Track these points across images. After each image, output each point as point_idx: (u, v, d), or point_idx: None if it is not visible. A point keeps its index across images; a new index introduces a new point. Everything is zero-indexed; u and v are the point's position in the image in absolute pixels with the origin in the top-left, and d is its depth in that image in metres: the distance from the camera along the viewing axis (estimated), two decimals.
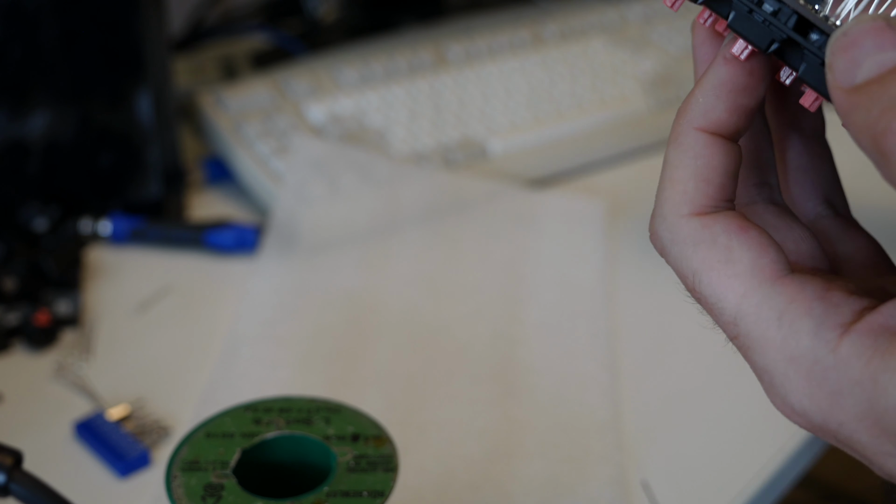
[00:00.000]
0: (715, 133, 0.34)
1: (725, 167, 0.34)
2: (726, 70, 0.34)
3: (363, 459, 0.48)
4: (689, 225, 0.34)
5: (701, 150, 0.34)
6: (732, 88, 0.34)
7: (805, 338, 0.31)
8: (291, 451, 0.49)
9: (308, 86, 0.88)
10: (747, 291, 0.32)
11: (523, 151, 0.87)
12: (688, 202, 0.34)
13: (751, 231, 0.33)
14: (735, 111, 0.34)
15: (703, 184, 0.34)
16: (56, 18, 0.72)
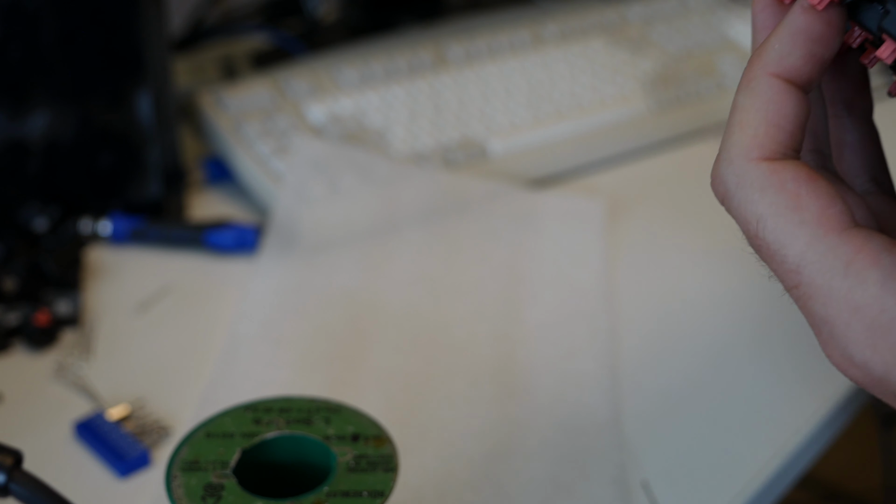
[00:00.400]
0: (788, 80, 0.34)
1: (797, 116, 0.34)
2: (804, 18, 0.34)
3: (363, 459, 0.48)
4: (757, 169, 0.33)
5: (774, 95, 0.34)
6: (809, 37, 0.34)
7: (872, 287, 0.31)
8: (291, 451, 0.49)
9: (308, 86, 0.88)
10: (814, 239, 0.32)
11: (523, 151, 0.87)
12: (757, 146, 0.34)
13: (819, 181, 0.33)
14: (810, 60, 0.34)
15: (774, 129, 0.34)
16: (56, 18, 0.72)
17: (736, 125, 0.34)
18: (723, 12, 1.06)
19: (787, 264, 0.33)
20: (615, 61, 0.96)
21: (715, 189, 0.35)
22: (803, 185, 0.33)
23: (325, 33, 1.06)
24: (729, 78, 0.95)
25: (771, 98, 0.34)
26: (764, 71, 0.34)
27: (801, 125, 0.34)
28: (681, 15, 1.05)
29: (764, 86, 0.34)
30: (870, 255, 0.31)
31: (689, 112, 0.92)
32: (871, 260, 0.31)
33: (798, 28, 0.34)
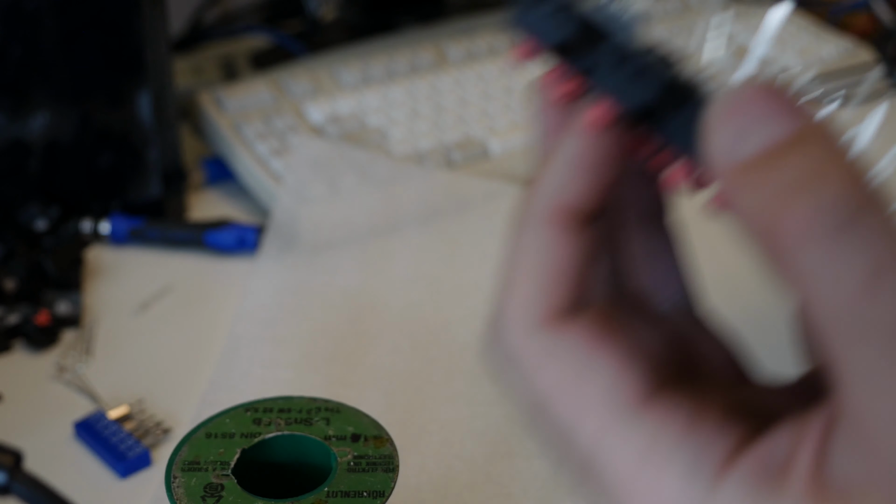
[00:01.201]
0: (568, 219, 0.28)
1: (577, 263, 0.28)
2: (585, 142, 0.28)
3: (363, 459, 0.48)
4: (534, 338, 0.28)
5: (548, 245, 0.28)
6: (591, 164, 0.28)
7: (674, 483, 0.26)
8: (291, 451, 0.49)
9: (308, 86, 0.88)
10: (603, 425, 0.27)
11: (524, 151, 0.86)
12: (533, 309, 0.28)
13: (608, 343, 0.28)
14: (591, 191, 0.28)
15: (553, 285, 0.28)
16: (56, 18, 0.72)
17: (509, 281, 0.28)
18: (724, 12, 1.06)
19: (578, 452, 0.28)
20: None
21: (489, 358, 0.29)
22: (590, 353, 0.27)
23: (325, 33, 1.06)
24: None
25: (543, 248, 0.28)
26: (537, 214, 0.28)
27: (582, 269, 0.28)
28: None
29: (538, 232, 0.28)
30: (669, 441, 0.26)
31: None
32: (672, 447, 0.26)
33: (577, 153, 0.28)
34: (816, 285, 0.24)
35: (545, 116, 0.31)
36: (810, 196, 0.23)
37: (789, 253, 0.24)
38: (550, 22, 0.29)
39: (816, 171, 0.24)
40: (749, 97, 0.25)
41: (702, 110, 0.26)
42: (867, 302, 0.23)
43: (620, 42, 0.28)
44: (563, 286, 0.28)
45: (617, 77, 0.28)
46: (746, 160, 0.24)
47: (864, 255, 0.23)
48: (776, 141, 0.24)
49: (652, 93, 0.27)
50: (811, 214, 0.23)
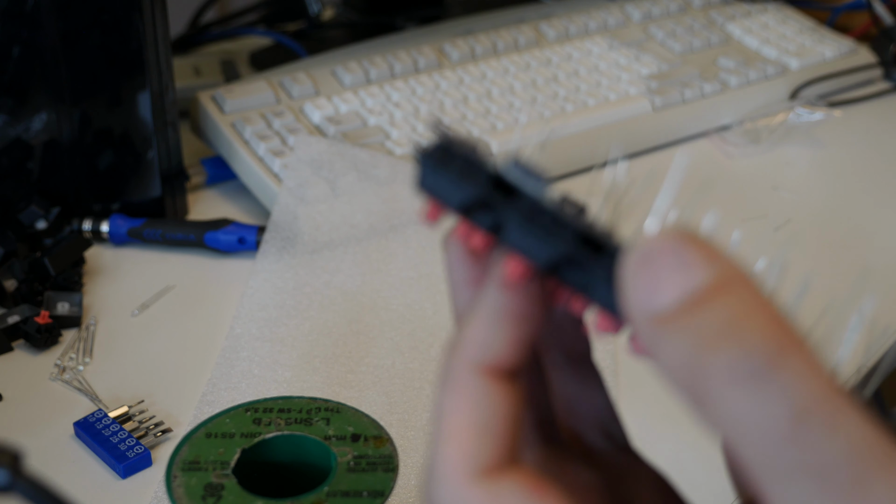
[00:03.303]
0: (495, 372, 0.28)
1: (510, 414, 0.28)
2: (503, 297, 0.28)
3: (363, 459, 0.48)
4: (472, 493, 0.27)
5: (480, 396, 0.28)
6: (513, 317, 0.28)
7: None
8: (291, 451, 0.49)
9: (308, 86, 0.88)
10: None
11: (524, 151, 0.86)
12: (469, 463, 0.28)
13: (543, 494, 0.28)
14: (517, 342, 0.28)
15: (487, 439, 0.28)
16: (56, 18, 0.72)
17: (443, 435, 0.28)
18: (725, 11, 1.06)
19: None
20: (618, 61, 0.96)
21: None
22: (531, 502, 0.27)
23: (325, 33, 1.06)
24: (732, 77, 0.95)
25: (476, 399, 0.28)
26: (465, 366, 0.28)
27: (515, 420, 0.28)
28: (684, 14, 1.05)
29: (466, 384, 0.28)
30: None
31: (692, 111, 0.92)
32: None
33: (497, 310, 0.28)
34: (742, 430, 0.24)
35: (456, 269, 0.30)
36: (731, 343, 0.23)
37: (713, 400, 0.24)
38: (454, 182, 0.29)
39: (737, 316, 0.24)
40: (662, 246, 0.25)
41: (616, 262, 0.26)
42: (791, 445, 0.23)
43: (531, 197, 0.28)
44: (500, 438, 0.28)
45: (529, 232, 0.28)
46: (664, 312, 0.24)
47: (789, 397, 0.23)
48: (693, 290, 0.24)
49: (564, 247, 0.27)
50: (733, 361, 0.23)
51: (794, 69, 0.97)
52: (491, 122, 0.88)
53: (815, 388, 0.24)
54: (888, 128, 0.95)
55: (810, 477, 0.23)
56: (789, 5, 1.10)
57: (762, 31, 1.03)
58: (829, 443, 0.23)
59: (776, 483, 0.24)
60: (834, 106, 0.95)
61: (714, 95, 0.93)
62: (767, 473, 0.24)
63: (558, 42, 0.98)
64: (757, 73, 0.96)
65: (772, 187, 0.86)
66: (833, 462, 0.23)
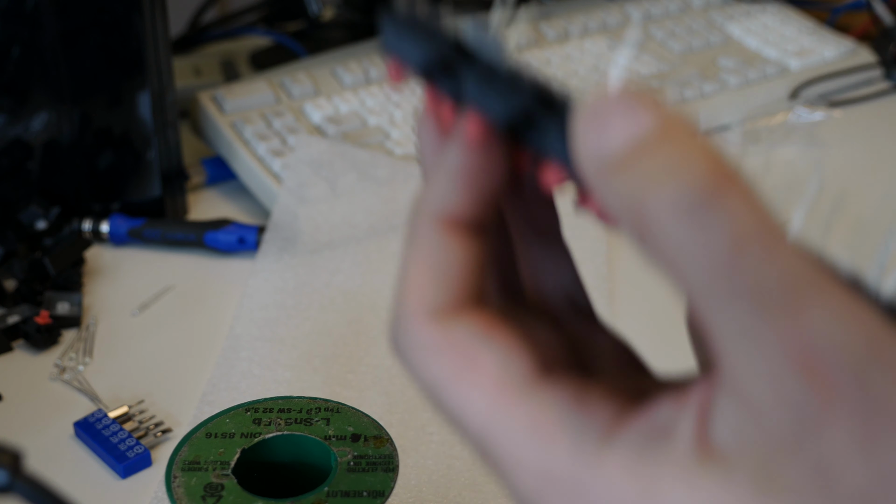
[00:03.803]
0: (454, 223, 0.30)
1: (467, 263, 0.30)
2: (461, 155, 0.30)
3: (363, 459, 0.48)
4: (425, 330, 0.29)
5: (438, 244, 0.30)
6: (471, 172, 0.30)
7: (562, 454, 0.27)
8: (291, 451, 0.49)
9: (308, 86, 0.88)
10: (493, 403, 0.28)
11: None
12: (423, 304, 0.30)
13: (497, 333, 0.29)
14: (475, 198, 0.30)
15: (442, 283, 0.30)
16: (56, 18, 0.73)
17: (402, 281, 0.30)
18: (725, 11, 1.06)
19: (471, 433, 0.29)
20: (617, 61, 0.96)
21: (392, 350, 0.31)
22: (478, 343, 0.29)
23: (325, 33, 1.06)
24: (732, 77, 0.95)
25: (433, 248, 0.30)
26: (424, 218, 0.30)
27: (474, 271, 0.30)
28: (683, 14, 1.05)
29: (425, 235, 0.30)
30: (556, 416, 0.28)
31: (692, 111, 0.92)
32: (558, 421, 0.28)
33: (455, 166, 0.30)
34: (685, 261, 0.25)
35: (426, 145, 0.32)
36: (673, 179, 0.25)
37: (658, 234, 0.25)
38: (416, 44, 0.30)
39: (679, 158, 0.25)
40: (611, 100, 0.26)
41: (570, 117, 0.27)
42: (731, 271, 0.25)
43: (489, 59, 0.29)
44: (454, 282, 0.30)
45: (486, 90, 0.29)
46: (612, 157, 0.26)
47: (727, 227, 0.25)
48: (638, 136, 0.26)
49: (520, 104, 0.28)
50: (675, 195, 0.25)
51: (794, 69, 0.98)
52: None
53: (753, 219, 0.25)
54: (888, 128, 0.95)
55: (749, 301, 0.25)
56: (789, 5, 1.10)
57: (762, 32, 1.03)
58: (767, 268, 0.25)
59: (718, 311, 0.25)
60: (834, 106, 0.95)
61: (714, 95, 0.93)
62: (709, 302, 0.25)
63: (558, 42, 0.98)
64: (757, 73, 0.96)
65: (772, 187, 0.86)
66: (771, 286, 0.25)
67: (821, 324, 0.25)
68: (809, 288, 0.25)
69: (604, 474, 0.27)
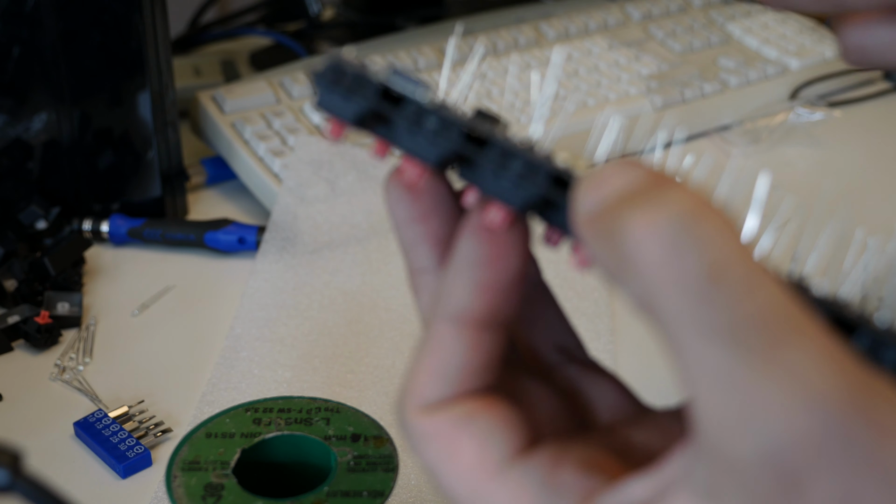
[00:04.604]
0: (472, 323, 0.30)
1: (476, 361, 0.31)
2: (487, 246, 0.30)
3: (363, 459, 0.48)
4: (418, 421, 0.31)
5: (440, 342, 0.31)
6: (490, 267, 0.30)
7: None
8: (291, 451, 0.49)
9: (308, 86, 0.88)
10: (473, 486, 0.30)
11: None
12: (422, 399, 0.31)
13: (482, 414, 0.30)
14: (495, 295, 0.30)
15: (443, 383, 0.31)
16: (56, 18, 0.72)
17: (408, 372, 0.32)
18: (726, 11, 1.06)
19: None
20: (617, 61, 0.96)
21: (399, 432, 0.33)
22: (461, 428, 0.30)
23: (325, 33, 1.06)
24: (732, 77, 0.95)
25: (443, 349, 0.31)
26: (441, 318, 0.31)
27: (481, 366, 0.31)
28: (684, 14, 1.05)
29: (434, 332, 0.31)
30: (530, 495, 0.29)
31: (692, 111, 0.92)
32: (532, 501, 0.29)
33: (473, 260, 0.30)
34: (661, 292, 0.25)
35: (398, 209, 0.33)
36: (654, 208, 0.25)
37: (636, 266, 0.25)
38: (346, 99, 0.31)
39: (660, 194, 0.25)
40: (608, 167, 0.27)
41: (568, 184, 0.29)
42: (707, 304, 0.24)
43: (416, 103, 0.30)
44: (457, 381, 0.31)
45: (504, 178, 0.29)
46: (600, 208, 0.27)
47: (705, 255, 0.24)
48: (628, 185, 0.26)
49: (535, 191, 0.29)
50: (654, 221, 0.25)
51: (794, 69, 0.97)
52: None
53: (730, 250, 0.25)
54: (888, 128, 0.95)
55: (725, 338, 0.24)
56: None
57: (762, 31, 1.03)
58: (744, 304, 0.24)
59: (693, 347, 0.24)
60: (834, 106, 0.95)
61: (714, 95, 0.93)
62: (684, 337, 0.24)
63: (558, 42, 0.98)
64: (757, 73, 0.96)
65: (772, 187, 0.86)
66: (747, 324, 0.24)
67: (801, 369, 0.24)
68: (788, 326, 0.24)
69: None
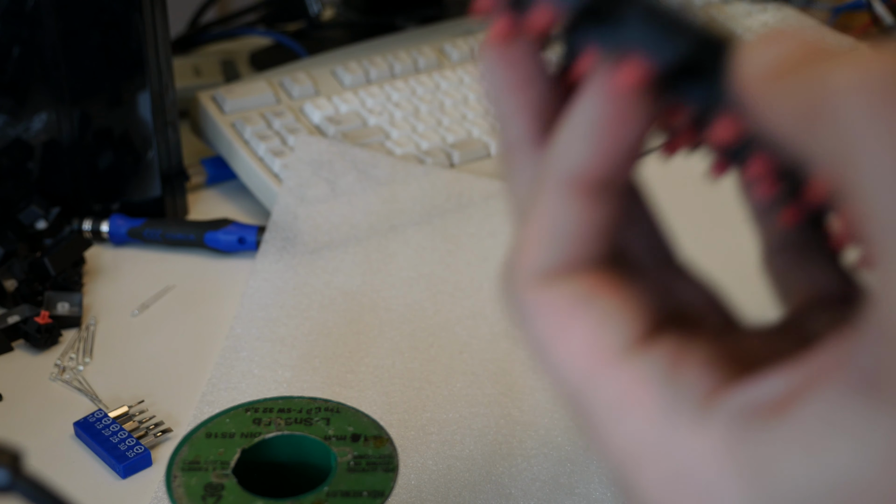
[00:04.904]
0: (585, 186, 0.28)
1: (590, 227, 0.28)
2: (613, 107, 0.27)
3: (363, 459, 0.48)
4: (531, 291, 0.28)
5: (562, 207, 0.28)
6: (612, 128, 0.27)
7: (655, 425, 0.26)
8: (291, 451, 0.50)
9: (308, 86, 0.88)
10: (585, 369, 0.27)
11: None
12: (535, 266, 0.28)
13: (603, 294, 0.28)
14: (614, 158, 0.28)
15: (558, 247, 0.28)
16: (56, 18, 0.72)
17: (518, 238, 0.29)
18: (726, 10, 1.06)
19: (565, 396, 0.28)
20: None
21: (503, 306, 0.30)
22: (579, 305, 0.28)
23: (325, 33, 1.06)
24: None
25: (557, 210, 0.28)
26: (552, 177, 0.28)
27: (596, 234, 0.28)
28: None
29: (551, 195, 0.28)
30: (649, 387, 0.26)
31: None
32: (651, 393, 0.26)
33: (591, 121, 0.27)
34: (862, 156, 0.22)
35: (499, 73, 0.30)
36: (860, 67, 0.22)
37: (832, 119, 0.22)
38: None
39: (859, 55, 0.23)
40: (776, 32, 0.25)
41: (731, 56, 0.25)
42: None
43: None
44: (572, 247, 0.28)
45: (649, 31, 0.26)
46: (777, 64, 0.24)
47: None
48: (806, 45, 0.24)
49: (686, 48, 0.26)
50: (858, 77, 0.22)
51: None
52: (491, 122, 0.87)
53: None
54: None
55: None
56: (789, 5, 1.10)
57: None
58: None
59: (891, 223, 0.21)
60: None
61: None
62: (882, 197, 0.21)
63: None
64: None
65: None
66: None
67: None
68: None
69: (700, 448, 0.25)
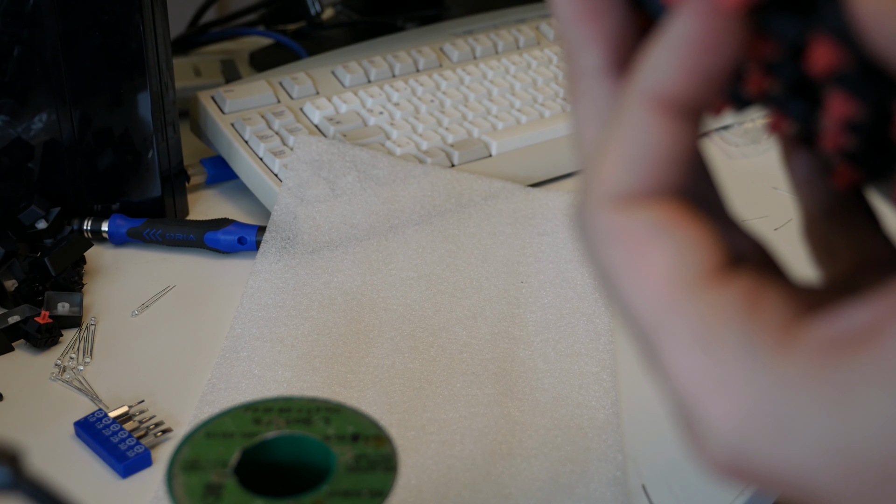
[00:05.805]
0: (669, 106, 0.27)
1: (672, 150, 0.27)
2: (699, 23, 0.26)
3: (363, 459, 0.48)
4: (607, 215, 0.27)
5: (645, 126, 0.27)
6: (701, 50, 0.26)
7: (730, 361, 0.25)
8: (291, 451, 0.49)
9: (308, 86, 0.88)
10: (661, 299, 0.26)
11: (524, 150, 0.87)
12: (613, 189, 0.27)
13: (683, 224, 0.27)
14: (702, 79, 0.26)
15: (638, 169, 0.27)
16: (56, 18, 0.73)
17: (595, 159, 0.28)
18: None
19: (638, 328, 0.27)
20: None
21: (573, 229, 0.29)
22: (658, 234, 0.27)
23: (325, 33, 1.06)
24: None
25: (639, 129, 0.27)
26: (636, 94, 0.27)
27: (677, 159, 0.27)
28: None
29: (633, 113, 0.27)
30: (725, 321, 0.26)
31: None
32: (727, 327, 0.25)
33: (685, 38, 0.26)
34: None
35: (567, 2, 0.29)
36: None
37: None
38: None
39: None
40: None
41: None
42: None
43: None
44: (653, 170, 0.27)
45: None
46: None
47: None
48: None
49: None
50: None
51: None
52: (491, 122, 0.88)
53: None
54: None
55: None
56: None
57: None
58: None
59: None
60: None
61: None
62: None
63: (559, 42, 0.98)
64: None
65: (772, 187, 0.86)
66: None
67: None
68: None
69: (782, 379, 0.24)
